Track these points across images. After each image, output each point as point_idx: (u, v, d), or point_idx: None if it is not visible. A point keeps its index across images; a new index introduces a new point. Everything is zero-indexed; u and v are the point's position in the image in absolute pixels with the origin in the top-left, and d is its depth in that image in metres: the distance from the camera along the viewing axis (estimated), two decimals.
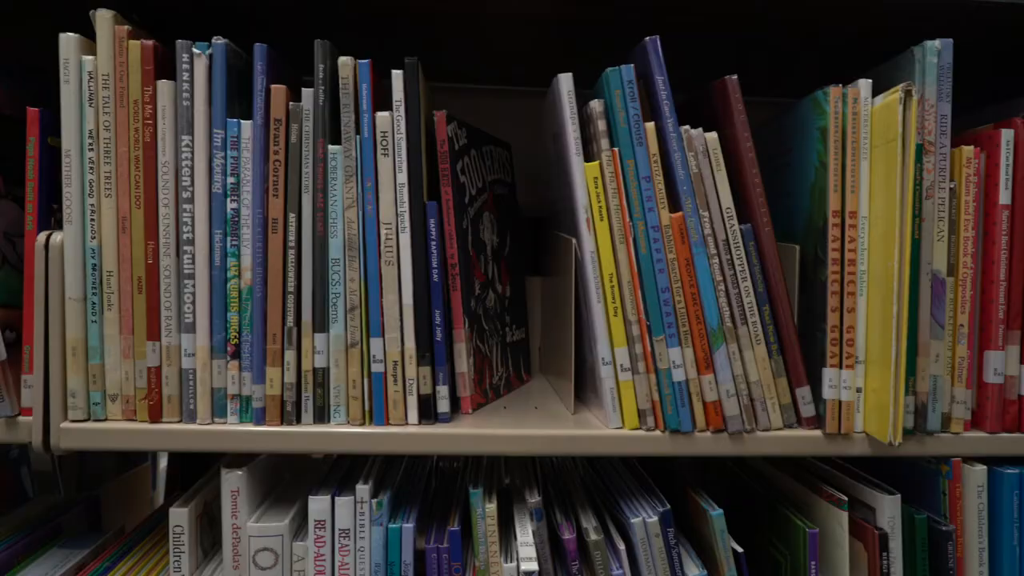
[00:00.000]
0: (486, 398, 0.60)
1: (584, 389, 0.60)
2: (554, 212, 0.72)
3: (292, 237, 0.51)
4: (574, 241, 0.56)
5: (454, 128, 0.59)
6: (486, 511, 0.54)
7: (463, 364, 0.56)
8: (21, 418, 0.51)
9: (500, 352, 0.65)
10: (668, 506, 0.53)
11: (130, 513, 0.86)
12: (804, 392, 0.54)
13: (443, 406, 0.53)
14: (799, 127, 0.57)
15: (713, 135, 0.53)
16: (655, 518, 0.53)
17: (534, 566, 0.48)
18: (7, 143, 0.55)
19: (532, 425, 0.54)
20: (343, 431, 0.51)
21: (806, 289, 0.56)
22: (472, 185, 0.62)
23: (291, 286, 0.51)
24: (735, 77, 0.53)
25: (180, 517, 0.53)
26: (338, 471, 0.59)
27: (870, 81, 0.52)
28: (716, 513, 0.53)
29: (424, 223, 0.53)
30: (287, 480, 0.62)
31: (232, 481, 0.53)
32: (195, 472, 0.83)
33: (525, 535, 0.53)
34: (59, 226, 0.53)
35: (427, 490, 0.64)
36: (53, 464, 0.74)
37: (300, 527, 0.55)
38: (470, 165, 0.62)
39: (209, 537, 0.58)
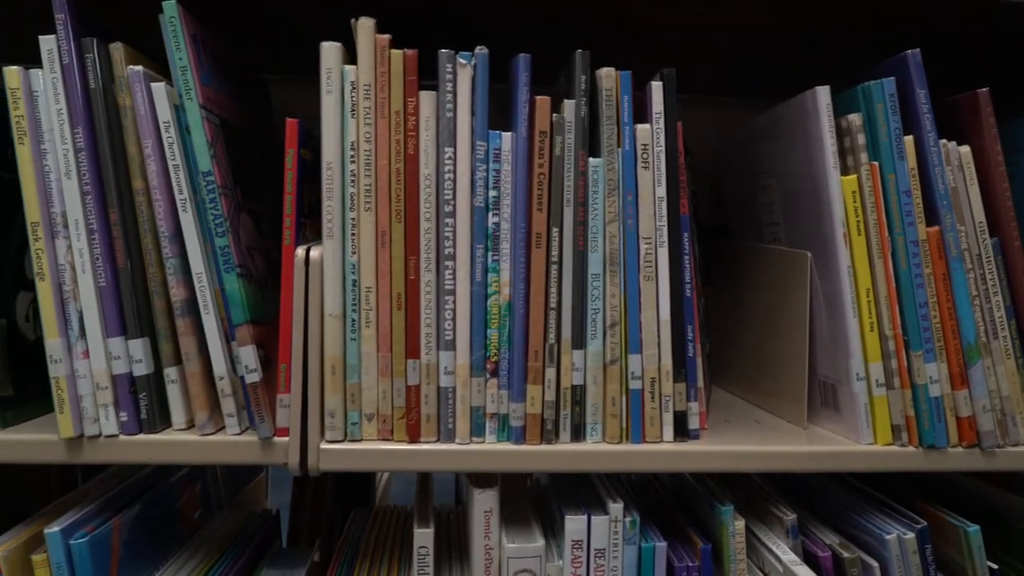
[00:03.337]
0: (707, 411, 0.60)
1: (810, 402, 0.60)
2: (741, 222, 0.72)
3: (555, 252, 0.50)
4: (809, 255, 0.56)
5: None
6: (735, 528, 0.53)
7: (700, 379, 0.55)
8: (276, 439, 0.49)
9: (705, 364, 0.64)
10: (924, 523, 0.53)
11: None
12: None
13: (694, 422, 0.53)
14: None
15: (966, 149, 0.53)
16: (911, 535, 0.52)
17: None
18: (239, 156, 0.53)
19: (776, 441, 0.53)
20: (606, 449, 0.50)
21: None
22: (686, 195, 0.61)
23: (552, 302, 0.50)
24: (987, 90, 0.53)
25: (425, 538, 0.52)
26: (564, 487, 0.58)
27: None
28: (973, 529, 0.53)
29: (680, 237, 0.52)
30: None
31: (485, 501, 0.52)
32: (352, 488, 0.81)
33: (785, 552, 0.52)
34: (306, 240, 0.52)
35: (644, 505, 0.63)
36: (215, 480, 0.72)
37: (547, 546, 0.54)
38: (686, 176, 0.61)
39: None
